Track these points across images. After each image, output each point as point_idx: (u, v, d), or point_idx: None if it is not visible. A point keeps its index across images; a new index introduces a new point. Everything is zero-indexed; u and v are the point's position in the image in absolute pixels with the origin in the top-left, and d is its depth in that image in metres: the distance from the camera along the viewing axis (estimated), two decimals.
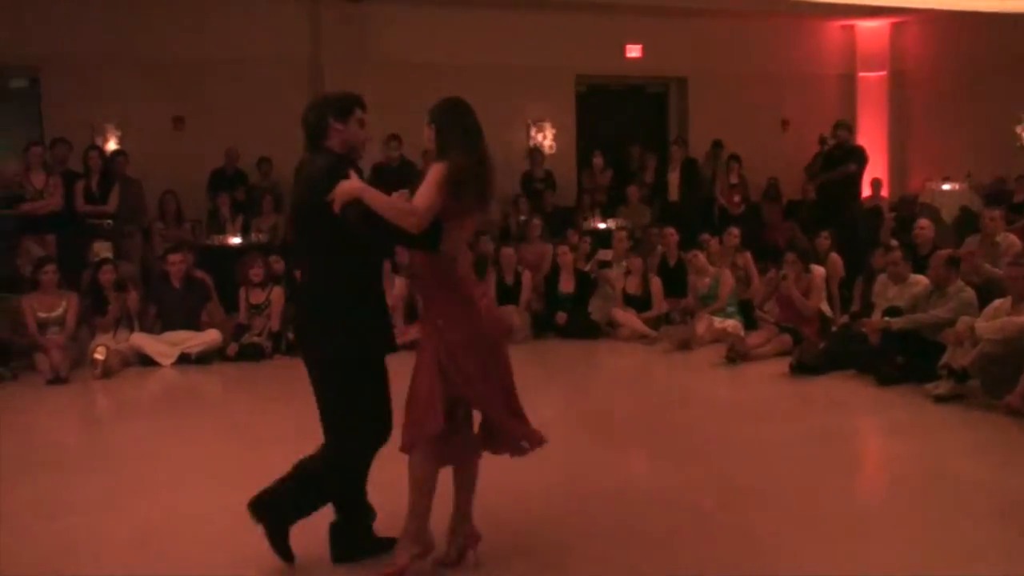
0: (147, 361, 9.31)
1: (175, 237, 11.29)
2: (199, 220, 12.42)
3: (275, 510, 4.22)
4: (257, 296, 9.93)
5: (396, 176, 12.08)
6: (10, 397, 8.27)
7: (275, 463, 4.31)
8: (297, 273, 6.08)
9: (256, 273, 9.92)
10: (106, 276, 9.55)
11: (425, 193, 3.94)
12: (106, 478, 5.81)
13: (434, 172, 3.98)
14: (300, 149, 4.24)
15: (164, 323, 9.70)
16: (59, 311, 9.24)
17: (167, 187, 11.92)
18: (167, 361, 9.30)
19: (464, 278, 4.12)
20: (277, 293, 9.94)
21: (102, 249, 10.62)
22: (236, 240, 11.74)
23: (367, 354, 4.16)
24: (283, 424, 6.91)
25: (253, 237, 11.81)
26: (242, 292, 9.98)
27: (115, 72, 12.48)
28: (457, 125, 4.16)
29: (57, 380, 8.60)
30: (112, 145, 12.48)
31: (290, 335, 9.83)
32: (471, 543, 4.32)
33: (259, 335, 9.77)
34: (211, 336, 9.58)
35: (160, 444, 6.69)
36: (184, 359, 9.37)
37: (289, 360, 9.65)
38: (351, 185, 3.93)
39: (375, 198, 3.92)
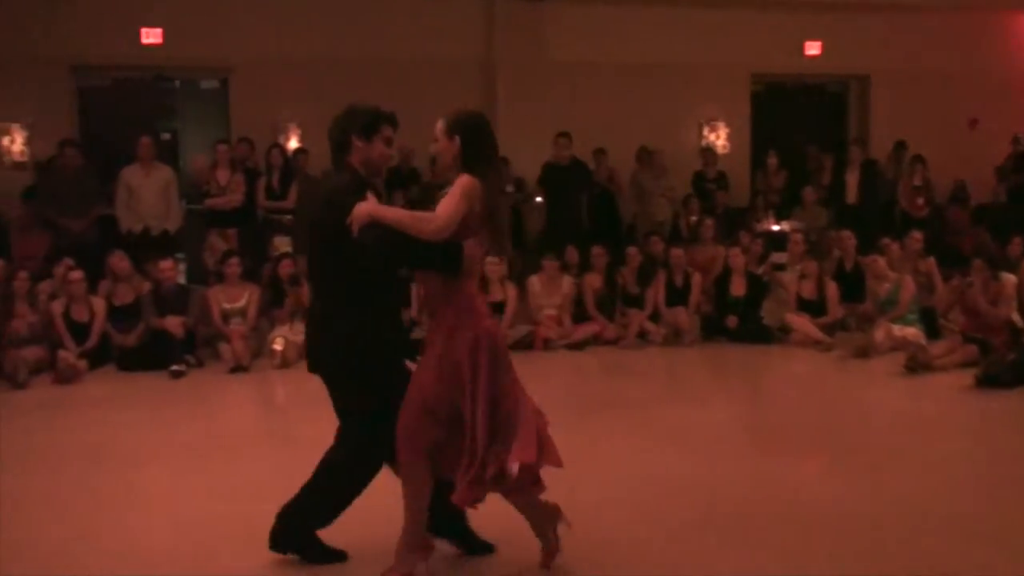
0: None
1: None
2: None
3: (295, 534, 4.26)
4: None
5: (565, 175, 12.11)
6: (195, 384, 8.68)
7: None
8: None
9: None
10: (285, 270, 9.89)
11: (450, 203, 3.87)
12: (283, 462, 5.99)
13: (462, 184, 3.91)
14: None
15: None
16: (242, 302, 9.64)
17: None
18: None
19: (472, 296, 4.04)
20: None
21: (282, 244, 11.01)
22: None
23: (378, 369, 4.09)
24: None
25: None
26: (414, 288, 10.15)
27: (297, 73, 12.92)
28: (485, 142, 4.10)
29: (239, 369, 8.98)
30: (293, 143, 12.94)
31: None
32: (426, 553, 4.15)
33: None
34: None
35: (329, 432, 6.85)
36: None
37: None
38: (367, 207, 3.86)
39: (391, 214, 3.90)
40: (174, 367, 8.78)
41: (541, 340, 10.00)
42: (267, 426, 7.36)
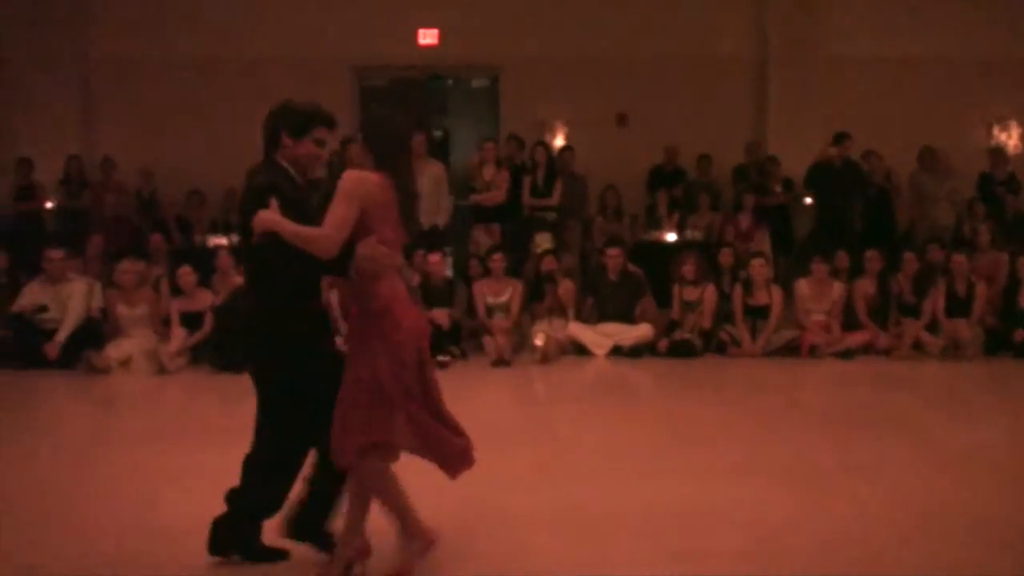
0: (582, 350, 9.65)
1: (614, 231, 11.60)
2: (636, 215, 12.67)
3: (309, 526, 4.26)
4: (690, 293, 9.93)
5: (837, 176, 11.59)
6: (459, 375, 8.89)
7: (696, 460, 4.21)
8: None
9: (689, 270, 9.93)
10: (547, 266, 9.98)
11: (333, 211, 3.83)
12: (542, 457, 6.04)
13: (342, 186, 3.88)
14: (741, 145, 4.06)
15: (599, 314, 9.98)
16: (505, 297, 9.81)
17: (608, 182, 12.27)
18: (601, 351, 9.57)
19: (387, 299, 3.95)
20: (710, 291, 9.90)
21: (544, 240, 11.13)
22: (671, 237, 11.83)
23: (298, 365, 4.03)
24: (706, 424, 6.85)
25: (688, 234, 11.83)
26: (675, 289, 10.03)
27: (564, 72, 13.05)
28: (389, 139, 4.17)
29: (501, 362, 9.14)
30: (559, 141, 13.06)
31: (721, 334, 9.78)
32: (362, 555, 4.12)
33: (690, 332, 9.78)
34: (644, 330, 9.72)
35: (585, 428, 6.89)
36: (617, 351, 9.60)
37: (717, 359, 9.62)
38: (267, 216, 3.86)
39: (288, 228, 3.84)
40: (440, 357, 9.02)
41: (807, 346, 9.61)
42: (526, 421, 7.43)
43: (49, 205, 12.27)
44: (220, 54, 12.81)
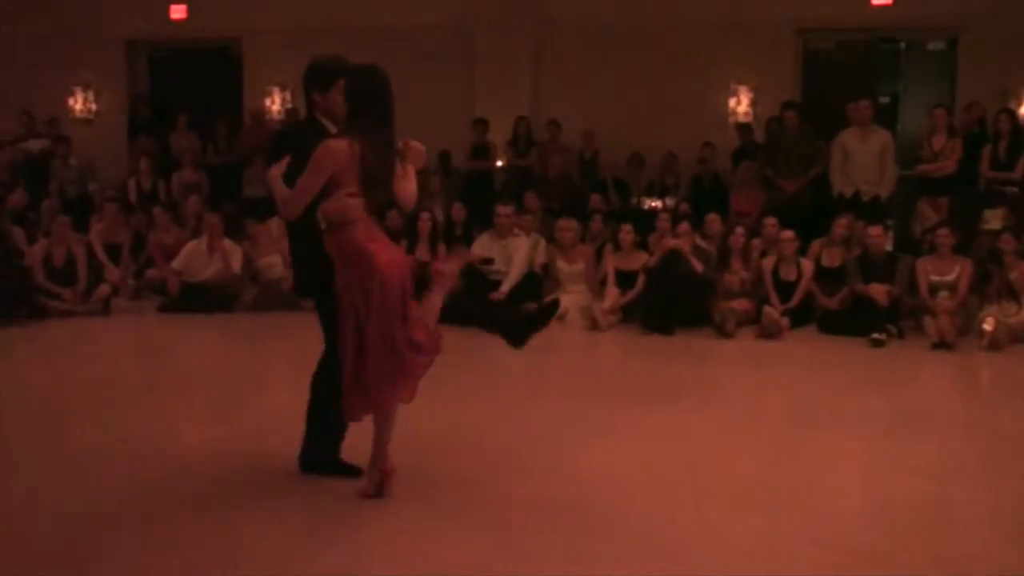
0: None
1: None
2: None
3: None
4: None
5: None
6: (893, 355, 8.43)
7: None
8: None
9: None
10: (1004, 245, 9.11)
11: (301, 181, 4.24)
12: (977, 447, 5.60)
13: (314, 155, 4.20)
14: None
15: None
16: (951, 276, 9.09)
17: None
18: None
19: (361, 242, 4.26)
20: None
21: (993, 217, 10.20)
22: None
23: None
24: None
25: None
26: None
27: None
28: (368, 101, 4.31)
29: (942, 345, 8.52)
30: None
31: None
32: (389, 475, 4.53)
33: None
34: None
35: None
36: None
37: None
38: (272, 172, 4.36)
39: (275, 186, 4.34)
40: (875, 335, 8.61)
41: None
42: (962, 409, 6.86)
43: (499, 164, 13.13)
44: (672, 17, 12.90)
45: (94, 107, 15.03)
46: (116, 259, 10.92)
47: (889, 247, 10.57)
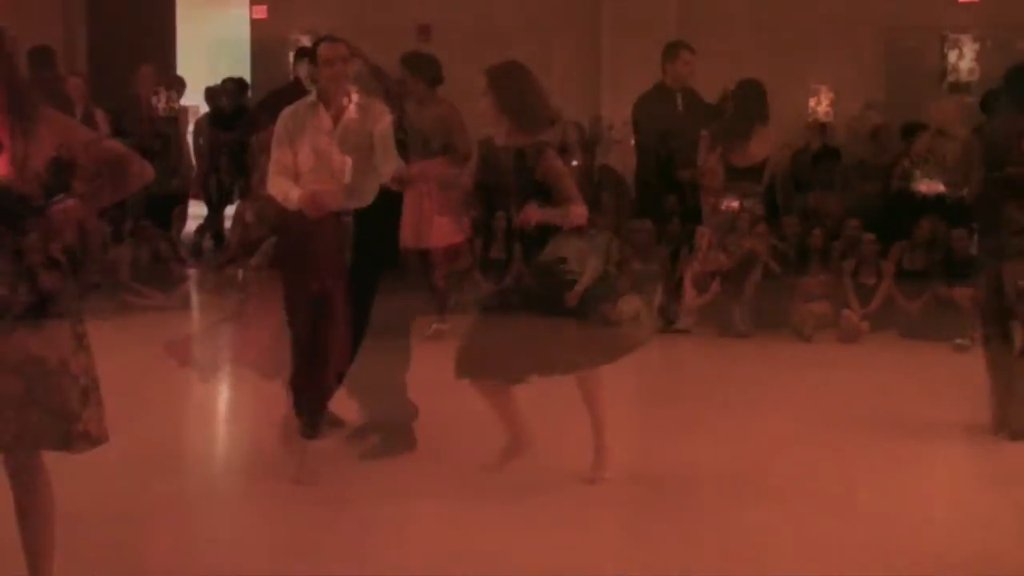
0: None
1: None
2: None
3: None
4: None
5: None
6: (976, 362, 8.19)
7: None
8: None
9: None
10: None
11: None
12: None
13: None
14: None
15: None
16: None
17: None
18: None
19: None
20: None
21: None
22: None
23: None
24: None
25: None
26: None
27: None
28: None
29: None
30: None
31: None
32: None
33: None
34: None
35: None
36: None
37: None
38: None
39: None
40: (958, 340, 8.41)
41: None
42: None
43: (575, 163, 13.04)
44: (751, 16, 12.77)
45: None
46: None
47: (974, 250, 10.29)
